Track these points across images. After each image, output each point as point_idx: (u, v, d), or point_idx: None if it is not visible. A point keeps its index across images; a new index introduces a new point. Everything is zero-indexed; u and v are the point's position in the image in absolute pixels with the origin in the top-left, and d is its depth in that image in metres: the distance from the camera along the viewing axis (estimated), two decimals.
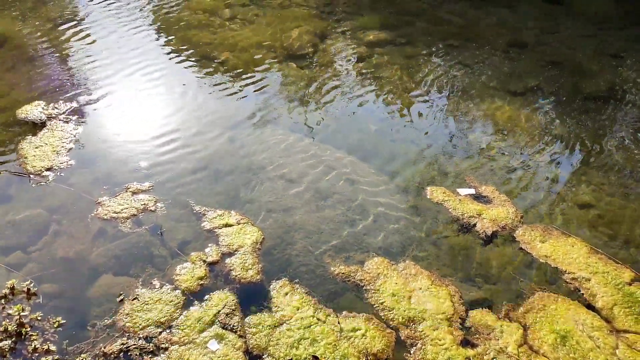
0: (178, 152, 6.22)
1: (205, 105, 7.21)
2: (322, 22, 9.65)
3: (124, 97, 7.26)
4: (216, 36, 9.01)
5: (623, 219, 5.57)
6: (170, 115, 6.96)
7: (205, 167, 5.99)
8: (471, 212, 5.38)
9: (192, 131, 6.62)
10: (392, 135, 6.84)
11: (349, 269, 4.76)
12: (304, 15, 9.82)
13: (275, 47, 8.74)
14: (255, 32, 9.17)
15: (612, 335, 4.23)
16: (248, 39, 8.92)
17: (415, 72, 8.22)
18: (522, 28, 9.71)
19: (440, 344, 4.09)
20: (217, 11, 9.98)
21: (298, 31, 9.10)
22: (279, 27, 9.35)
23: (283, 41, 8.89)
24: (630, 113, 7.53)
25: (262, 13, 9.98)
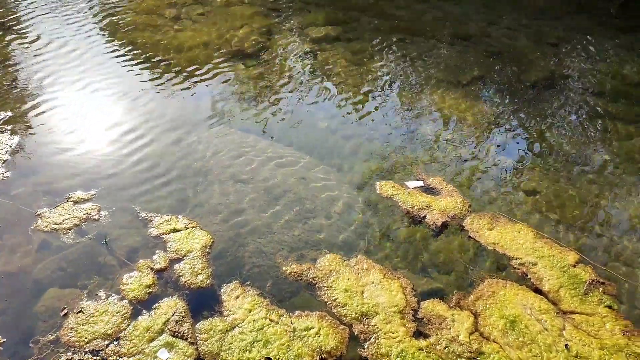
0: (123, 157, 6.04)
1: (151, 109, 7.04)
2: (269, 19, 9.58)
3: (65, 103, 7.02)
4: (161, 37, 8.81)
5: (567, 203, 5.73)
6: (115, 120, 6.76)
7: (151, 172, 5.84)
8: (420, 205, 5.43)
9: (138, 136, 6.45)
10: (342, 131, 6.84)
11: (302, 267, 4.72)
12: (249, 13, 9.72)
13: (222, 47, 8.61)
14: (200, 31, 9.02)
15: (559, 317, 4.34)
16: (194, 39, 8.77)
17: (363, 67, 8.25)
18: (466, 20, 9.88)
19: (394, 336, 4.11)
20: (161, 11, 9.77)
21: (244, 29, 9.00)
22: (224, 26, 9.22)
23: (230, 40, 8.78)
24: (570, 99, 7.76)
25: (206, 12, 9.83)
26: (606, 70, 8.52)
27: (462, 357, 4.00)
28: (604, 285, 4.64)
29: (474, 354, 4.01)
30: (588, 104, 7.70)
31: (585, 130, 7.09)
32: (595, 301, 4.49)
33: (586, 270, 4.79)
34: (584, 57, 8.89)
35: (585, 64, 8.72)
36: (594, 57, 8.91)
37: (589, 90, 7.99)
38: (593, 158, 6.55)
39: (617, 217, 5.60)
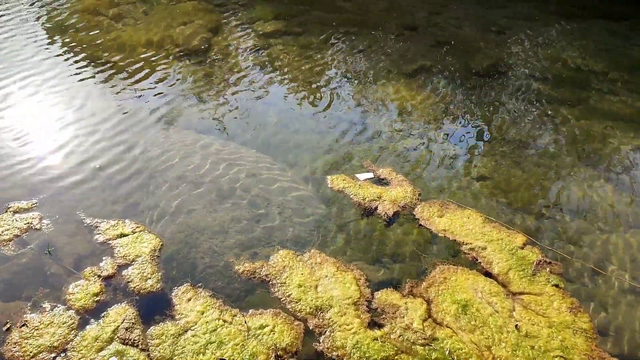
0: (65, 163, 5.85)
1: (95, 111, 6.83)
2: (215, 15, 9.43)
3: (2, 108, 6.72)
4: (104, 37, 8.56)
5: (515, 187, 5.85)
6: (56, 124, 6.53)
7: (96, 177, 5.67)
8: (372, 196, 5.45)
9: (82, 140, 6.25)
10: (293, 126, 6.81)
11: (254, 265, 4.67)
12: (194, 9, 9.55)
13: (168, 45, 8.44)
14: (145, 30, 8.81)
15: (509, 298, 4.43)
16: (138, 37, 8.55)
17: (312, 61, 8.23)
18: (413, 11, 9.98)
19: (348, 328, 4.11)
20: (103, 10, 9.49)
21: (190, 26, 8.84)
22: (169, 24, 9.03)
23: (175, 38, 8.61)
24: (517, 85, 7.94)
25: (150, 10, 9.61)
26: (549, 55, 8.75)
27: (416, 344, 4.03)
28: (550, 265, 4.76)
29: (428, 340, 4.05)
30: (532, 89, 7.89)
31: (531, 115, 7.27)
32: (542, 281, 4.61)
33: (533, 251, 4.91)
34: (528, 44, 9.11)
35: (529, 51, 8.93)
36: (537, 44, 9.14)
37: (533, 76, 8.20)
38: (539, 142, 6.72)
39: (562, 198, 5.77)
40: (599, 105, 7.50)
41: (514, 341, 4.07)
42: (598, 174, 6.18)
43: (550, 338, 4.11)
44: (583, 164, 6.34)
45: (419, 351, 3.99)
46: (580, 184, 6.00)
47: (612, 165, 6.36)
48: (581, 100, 7.63)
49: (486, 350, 4.01)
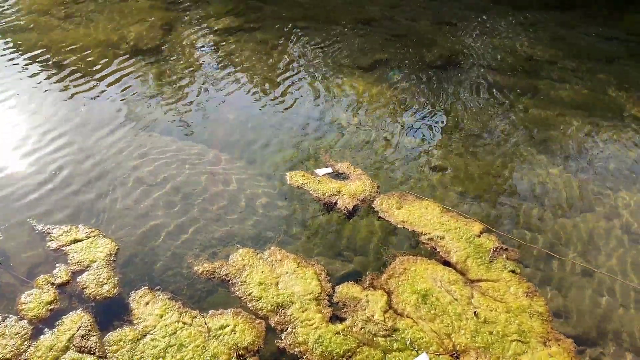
0: (15, 168, 5.65)
1: (48, 114, 6.62)
2: (168, 12, 9.27)
3: None
4: (55, 37, 8.31)
5: (472, 177, 5.95)
6: (5, 129, 6.30)
7: (49, 182, 5.50)
8: (331, 191, 5.46)
9: (33, 144, 6.05)
10: (252, 123, 6.75)
11: (214, 265, 4.62)
12: (146, 7, 9.36)
13: (121, 44, 8.25)
14: (95, 29, 8.59)
15: (468, 286, 4.51)
16: (89, 37, 8.33)
17: (269, 57, 8.18)
18: (369, 5, 10.02)
19: (310, 324, 4.11)
20: (52, 10, 9.20)
21: (143, 25, 8.66)
22: (121, 22, 8.83)
23: (128, 37, 8.42)
24: (471, 76, 8.07)
25: (100, 9, 9.37)
26: (501, 46, 8.92)
27: (378, 335, 4.06)
28: (507, 251, 4.86)
29: (389, 331, 4.08)
30: (487, 79, 8.04)
31: (486, 105, 7.40)
32: (499, 267, 4.70)
33: (490, 238, 5.00)
34: (481, 35, 9.27)
35: (483, 42, 9.09)
36: (490, 34, 9.30)
37: (487, 66, 8.34)
38: (494, 131, 6.85)
39: (518, 185, 5.89)
40: (550, 93, 7.69)
41: (473, 328, 4.15)
42: (551, 160, 6.33)
43: (508, 323, 4.20)
44: (537, 151, 6.49)
45: (380, 342, 4.02)
46: (534, 170, 6.14)
47: (564, 151, 6.53)
48: (533, 88, 7.81)
49: (446, 338, 4.07)
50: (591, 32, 9.62)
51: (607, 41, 9.39)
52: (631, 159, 6.45)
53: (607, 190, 5.92)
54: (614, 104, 7.58)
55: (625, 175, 6.18)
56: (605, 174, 6.19)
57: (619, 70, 8.46)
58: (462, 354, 3.99)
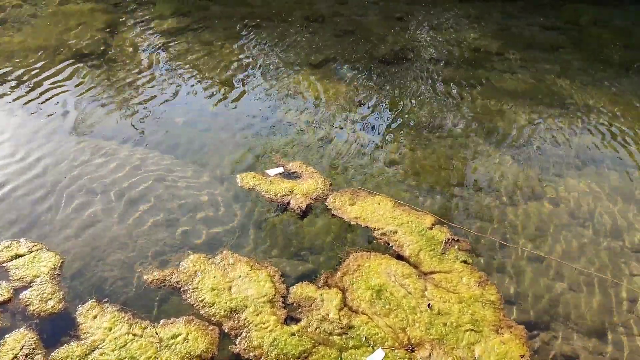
0: None
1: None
2: (111, 15, 9.01)
3: None
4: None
5: (423, 170, 6.00)
6: None
7: None
8: (283, 191, 5.41)
9: None
10: (202, 125, 6.63)
11: (164, 273, 4.51)
12: (88, 10, 9.08)
13: (62, 49, 7.97)
14: (35, 34, 8.27)
15: (421, 279, 4.54)
16: (28, 43, 8.02)
17: (218, 57, 8.05)
18: (317, 1, 10.00)
19: (265, 327, 4.06)
20: None
21: (85, 28, 8.40)
22: (62, 26, 8.54)
23: (70, 41, 8.14)
24: (421, 70, 8.15)
25: (39, 13, 9.03)
26: (449, 39, 9.05)
27: (333, 334, 4.04)
28: (458, 242, 4.92)
29: (344, 329, 4.07)
30: (436, 72, 8.13)
31: (436, 98, 7.48)
32: (451, 258, 4.75)
33: (442, 230, 5.06)
34: (429, 28, 9.37)
35: (431, 35, 9.19)
36: (437, 28, 9.42)
37: (435, 60, 8.44)
38: (444, 123, 6.93)
39: (468, 176, 5.98)
40: (497, 84, 7.84)
41: (428, 320, 4.18)
42: (499, 150, 6.45)
43: (461, 313, 4.25)
44: (486, 142, 6.60)
45: (336, 341, 4.00)
46: (484, 161, 6.25)
47: (511, 140, 6.67)
48: (481, 80, 7.94)
49: (401, 332, 4.09)
50: (534, 23, 9.87)
51: (549, 31, 9.65)
52: (575, 145, 6.64)
53: (554, 177, 6.07)
54: (557, 92, 7.79)
55: (570, 161, 6.35)
56: (551, 160, 6.35)
57: (561, 59, 8.70)
58: (417, 346, 4.01)
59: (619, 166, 6.32)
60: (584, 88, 7.92)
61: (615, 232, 5.35)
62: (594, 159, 6.40)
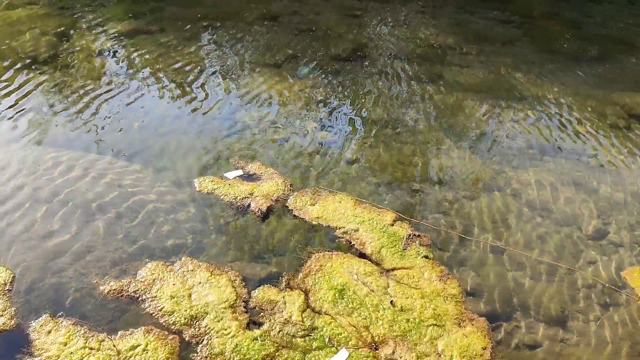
0: None
1: None
2: (61, 19, 8.75)
3: None
4: None
5: (385, 167, 6.02)
6: None
7: None
8: (243, 194, 5.34)
9: None
10: (161, 129, 6.49)
11: (122, 283, 4.39)
12: (36, 14, 8.80)
13: (10, 56, 7.69)
14: None
15: (383, 276, 4.54)
16: None
17: (175, 59, 7.91)
18: (273, 0, 9.92)
19: (226, 333, 3.99)
20: None
21: (34, 33, 8.13)
22: (7, 32, 8.23)
23: (18, 47, 7.86)
24: (379, 66, 8.18)
25: None
26: (406, 35, 9.11)
27: (296, 336, 4.00)
28: (419, 237, 4.95)
29: (307, 331, 4.04)
30: (394, 68, 8.17)
31: (395, 94, 7.52)
32: (413, 254, 4.77)
33: (403, 226, 5.07)
34: (385, 25, 9.42)
35: (388, 31, 9.24)
36: (394, 24, 9.47)
37: (393, 56, 8.48)
38: (404, 119, 6.97)
39: (429, 171, 6.02)
40: (454, 78, 7.93)
41: (390, 317, 4.18)
42: (459, 144, 6.52)
43: (424, 308, 4.26)
44: (445, 136, 6.67)
45: (299, 343, 3.96)
46: (444, 155, 6.30)
47: (470, 134, 6.75)
48: (438, 75, 8.02)
49: (364, 331, 4.08)
50: (488, 17, 10.03)
51: (503, 24, 9.82)
52: (532, 137, 6.76)
53: (512, 169, 6.17)
54: (512, 84, 7.92)
55: (528, 152, 6.47)
56: (509, 153, 6.45)
57: (515, 51, 8.86)
58: (381, 344, 4.01)
59: (573, 155, 6.47)
60: (537, 80, 8.08)
61: (572, 220, 5.47)
62: (550, 150, 6.53)
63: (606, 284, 4.78)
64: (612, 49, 9.23)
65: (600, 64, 8.71)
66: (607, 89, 7.93)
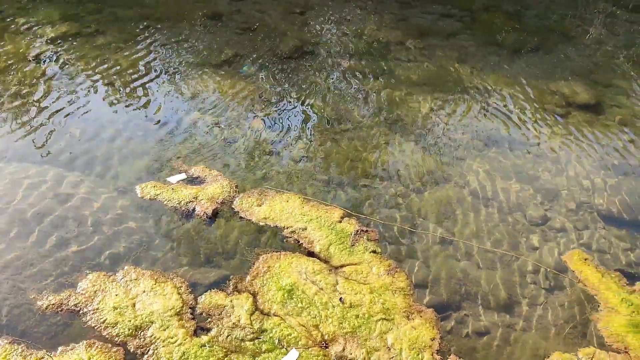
0: None
1: None
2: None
3: None
4: None
5: (332, 164, 6.00)
6: None
7: None
8: (187, 198, 5.22)
9: None
10: (102, 135, 6.27)
11: (61, 296, 4.22)
12: None
13: None
14: None
15: (332, 273, 4.52)
16: None
17: (115, 62, 7.66)
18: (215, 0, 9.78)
19: (173, 341, 3.89)
20: None
21: None
22: None
23: None
24: (325, 63, 8.16)
25: None
26: (350, 31, 9.13)
27: (245, 340, 3.94)
28: (367, 232, 4.95)
29: (257, 333, 3.98)
30: (340, 65, 8.17)
31: (342, 91, 7.52)
32: (361, 250, 4.77)
33: (351, 222, 5.07)
34: (330, 22, 9.42)
35: (332, 28, 9.24)
36: (338, 21, 9.48)
37: (338, 52, 8.48)
38: (351, 115, 6.97)
39: (376, 167, 6.04)
40: (399, 73, 8.00)
41: (340, 314, 4.16)
42: (406, 138, 6.57)
43: (373, 303, 4.27)
44: (392, 131, 6.71)
45: (248, 347, 3.90)
46: (391, 150, 6.34)
47: (416, 128, 6.82)
48: (384, 70, 8.07)
49: (314, 330, 4.05)
50: (429, 11, 10.18)
51: (445, 18, 9.97)
52: (476, 129, 6.88)
53: (458, 161, 6.26)
54: (456, 78, 8.05)
55: (472, 144, 6.58)
56: (455, 145, 6.55)
57: (458, 45, 9.01)
58: (331, 342, 3.99)
59: (516, 145, 6.62)
60: (480, 72, 8.24)
61: (515, 208, 5.59)
62: (493, 140, 6.67)
63: (549, 269, 4.91)
64: (550, 39, 9.50)
65: (539, 54, 8.95)
66: (546, 78, 8.16)
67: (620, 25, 10.43)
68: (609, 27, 10.26)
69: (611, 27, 10.28)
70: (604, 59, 8.99)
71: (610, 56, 9.10)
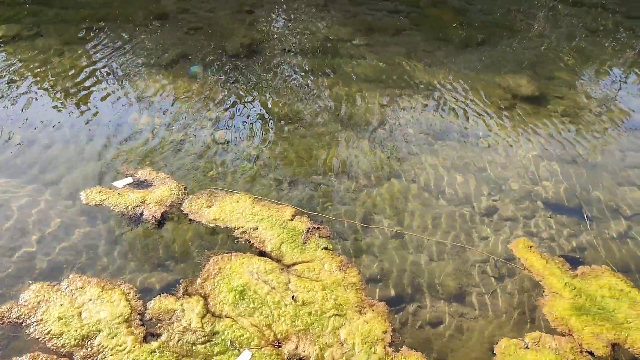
0: None
1: None
2: None
3: None
4: None
5: (285, 162, 5.99)
6: None
7: None
8: (134, 202, 5.10)
9: None
10: (45, 140, 6.04)
11: (2, 309, 4.05)
12: None
13: None
14: None
15: (284, 272, 4.50)
16: None
17: (58, 65, 7.41)
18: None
19: (122, 349, 3.80)
20: None
21: None
22: None
23: None
24: (275, 62, 8.12)
25: None
26: (300, 29, 9.12)
27: (197, 343, 3.89)
28: (318, 230, 4.96)
29: (208, 336, 3.93)
30: (290, 63, 8.14)
31: (293, 89, 7.49)
32: (313, 247, 4.77)
33: (302, 220, 5.06)
34: (279, 20, 9.39)
35: (281, 26, 9.20)
36: (287, 19, 9.46)
37: (288, 51, 8.46)
38: (303, 114, 6.95)
39: (329, 164, 6.05)
40: (349, 70, 8.04)
41: (293, 312, 4.15)
42: (358, 134, 6.61)
43: (325, 300, 4.27)
44: (344, 128, 6.73)
45: (200, 350, 3.85)
46: (342, 147, 6.36)
47: (368, 124, 6.86)
48: (334, 67, 8.09)
49: (267, 329, 4.03)
50: (377, 8, 10.27)
51: (392, 14, 10.09)
52: (426, 123, 6.99)
53: (410, 155, 6.34)
54: (405, 73, 8.15)
55: (423, 138, 6.67)
56: (406, 140, 6.62)
57: (406, 41, 9.13)
58: (284, 341, 3.97)
59: (464, 137, 6.75)
60: (428, 67, 8.36)
61: (465, 200, 5.71)
62: (443, 134, 6.78)
63: (497, 258, 5.03)
64: (495, 34, 9.74)
65: (485, 48, 9.16)
66: (492, 72, 8.36)
67: (562, 19, 10.79)
68: (552, 21, 10.60)
69: (554, 21, 10.62)
70: (547, 52, 9.28)
71: (553, 49, 9.40)
